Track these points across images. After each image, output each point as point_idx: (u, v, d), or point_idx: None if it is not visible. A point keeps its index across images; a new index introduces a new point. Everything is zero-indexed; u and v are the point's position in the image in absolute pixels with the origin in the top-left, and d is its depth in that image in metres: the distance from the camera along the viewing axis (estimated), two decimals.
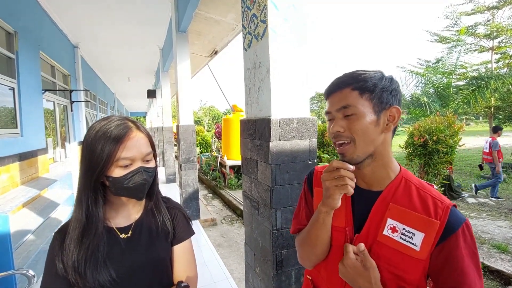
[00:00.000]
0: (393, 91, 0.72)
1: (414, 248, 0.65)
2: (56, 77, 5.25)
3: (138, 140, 0.75)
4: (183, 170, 4.46)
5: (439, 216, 0.64)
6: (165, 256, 0.85)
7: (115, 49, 7.14)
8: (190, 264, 0.90)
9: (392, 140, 0.77)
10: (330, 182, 0.70)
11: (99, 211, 0.75)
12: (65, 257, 0.72)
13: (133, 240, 0.81)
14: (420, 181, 0.73)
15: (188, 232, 0.92)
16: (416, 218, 0.66)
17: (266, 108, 1.53)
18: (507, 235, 3.91)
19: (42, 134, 4.13)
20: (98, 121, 0.76)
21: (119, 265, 0.76)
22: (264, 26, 1.46)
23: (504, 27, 8.71)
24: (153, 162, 0.80)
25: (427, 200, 0.67)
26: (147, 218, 0.86)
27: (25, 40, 3.63)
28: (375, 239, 0.70)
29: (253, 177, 1.72)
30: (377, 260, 0.69)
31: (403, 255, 0.66)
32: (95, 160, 0.71)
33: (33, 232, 3.00)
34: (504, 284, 2.84)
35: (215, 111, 45.74)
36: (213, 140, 13.16)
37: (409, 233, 0.66)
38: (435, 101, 7.88)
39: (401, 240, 0.67)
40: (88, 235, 0.74)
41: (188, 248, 0.91)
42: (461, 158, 10.89)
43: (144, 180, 0.75)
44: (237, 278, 2.98)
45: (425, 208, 0.66)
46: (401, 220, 0.68)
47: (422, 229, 0.65)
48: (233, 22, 4.51)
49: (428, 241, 0.64)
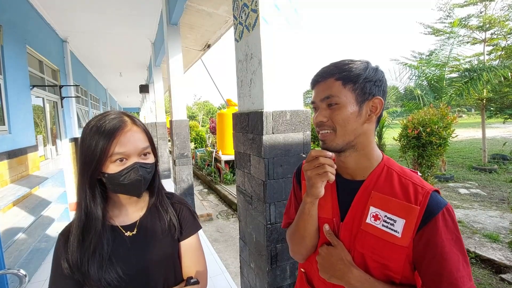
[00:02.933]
0: (377, 81, 0.71)
1: (396, 235, 0.65)
2: (44, 73, 5.12)
3: (133, 134, 0.73)
4: (178, 166, 4.42)
5: (419, 202, 0.64)
6: (172, 252, 0.84)
7: (105, 43, 6.99)
8: (199, 258, 0.89)
9: (385, 132, 0.76)
10: (311, 171, 0.70)
11: (98, 208, 0.74)
12: (69, 256, 0.72)
13: (139, 238, 0.80)
14: (402, 168, 0.73)
15: (194, 227, 0.91)
16: (397, 205, 0.66)
17: (258, 100, 1.50)
18: (498, 225, 3.98)
19: (32, 131, 4.04)
20: (95, 116, 0.75)
21: (126, 264, 0.76)
22: (256, 15, 1.42)
23: (496, 18, 8.74)
24: (151, 158, 0.78)
25: (408, 187, 0.67)
26: (152, 215, 0.85)
27: (11, 34, 3.51)
28: (359, 228, 0.70)
29: (247, 171, 1.70)
30: (362, 249, 0.69)
31: (386, 242, 0.66)
32: (89, 156, 0.70)
33: (25, 231, 2.94)
34: (495, 272, 2.89)
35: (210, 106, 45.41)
36: (207, 135, 13.11)
37: (391, 220, 0.66)
38: (429, 94, 7.92)
39: (383, 228, 0.67)
40: (88, 233, 0.73)
41: (196, 243, 0.90)
42: (453, 150, 11.04)
43: (140, 176, 0.73)
44: (233, 273, 2.98)
45: (406, 195, 0.66)
46: (382, 208, 0.68)
47: (403, 215, 0.65)
48: (226, 14, 4.43)
49: (409, 227, 0.63)
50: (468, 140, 13.95)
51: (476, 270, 2.94)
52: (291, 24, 1.49)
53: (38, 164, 4.15)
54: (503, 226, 3.93)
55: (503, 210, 4.66)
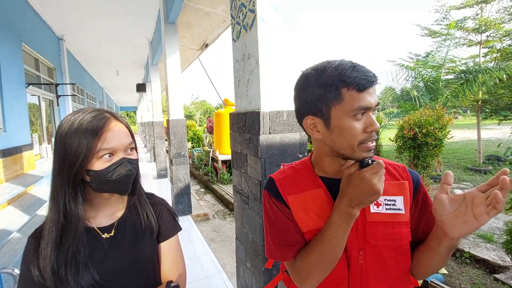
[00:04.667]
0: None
1: (400, 212, 0.69)
2: (40, 71, 5.08)
3: (119, 130, 0.72)
4: (174, 165, 4.40)
5: (405, 177, 0.73)
6: (151, 254, 0.81)
7: (102, 42, 6.94)
8: (178, 261, 0.86)
9: (381, 133, 0.77)
10: (379, 179, 0.60)
11: (79, 209, 0.70)
12: (41, 262, 0.67)
13: (117, 240, 0.77)
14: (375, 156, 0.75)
15: (174, 228, 0.88)
16: (390, 186, 0.71)
17: (255, 100, 1.50)
18: (493, 225, 4.02)
19: (27, 129, 4.01)
20: (71, 113, 0.71)
21: (103, 267, 0.72)
22: (253, 15, 1.42)
23: (492, 21, 8.82)
24: (135, 154, 0.76)
25: (388, 168, 0.73)
26: (131, 215, 0.82)
27: (6, 31, 3.48)
28: (366, 222, 0.70)
29: (243, 171, 1.70)
30: (376, 241, 0.68)
31: (394, 224, 0.69)
32: (72, 154, 0.66)
33: (19, 230, 2.92)
34: (489, 272, 2.92)
35: (207, 106, 45.31)
36: (205, 135, 13.08)
37: (391, 201, 0.70)
38: (425, 95, 7.97)
39: (388, 211, 0.69)
40: (67, 236, 0.68)
41: (175, 245, 0.87)
42: (449, 151, 11.12)
43: (129, 171, 0.72)
44: (229, 273, 2.98)
45: (391, 175, 0.73)
46: None
47: (399, 192, 0.70)
48: (224, 14, 4.42)
49: (407, 200, 0.70)
50: (464, 141, 14.06)
51: (470, 270, 2.97)
52: (289, 25, 1.50)
53: (33, 162, 4.12)
54: (497, 226, 3.97)
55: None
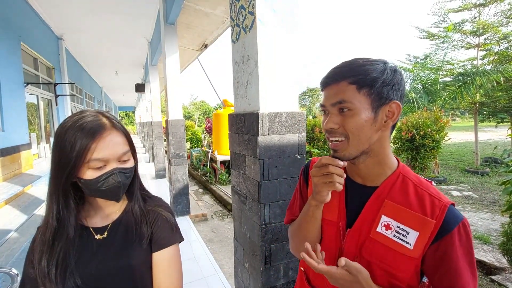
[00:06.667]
0: (395, 84, 0.65)
1: (408, 246, 0.63)
2: (39, 70, 5.07)
3: (112, 139, 0.69)
4: (173, 166, 4.41)
5: (436, 216, 0.61)
6: (139, 263, 0.76)
7: (101, 41, 6.94)
8: (172, 274, 0.78)
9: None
10: (318, 178, 0.67)
11: (71, 215, 0.69)
12: (35, 260, 0.68)
13: (107, 243, 0.74)
14: (418, 177, 0.70)
15: (170, 238, 0.81)
16: (412, 216, 0.63)
17: (254, 102, 1.51)
18: (489, 227, 4.04)
19: (25, 129, 4.00)
20: (70, 116, 0.70)
21: (86, 270, 0.70)
22: (252, 17, 1.43)
23: (490, 24, 8.89)
24: (131, 162, 0.74)
25: (424, 198, 0.64)
26: (126, 219, 0.79)
27: (5, 30, 3.48)
28: (367, 235, 0.68)
29: (242, 172, 1.71)
30: (369, 257, 0.67)
31: (396, 252, 0.64)
32: (64, 159, 0.65)
33: (17, 230, 2.91)
34: (486, 274, 2.94)
35: (206, 106, 45.31)
36: (203, 135, 13.07)
37: (403, 231, 0.64)
38: (423, 97, 8.02)
39: (394, 238, 0.64)
40: (60, 239, 0.68)
41: (171, 257, 0.80)
42: (446, 153, 11.18)
43: (119, 183, 0.69)
44: (227, 273, 2.98)
45: (422, 206, 0.63)
46: (395, 218, 0.65)
47: (417, 227, 0.62)
48: (223, 15, 4.44)
49: (423, 240, 0.62)
50: (461, 143, 14.14)
51: None
52: (288, 27, 1.51)
53: (31, 162, 4.11)
54: (493, 228, 4.00)
55: (494, 212, 4.73)
